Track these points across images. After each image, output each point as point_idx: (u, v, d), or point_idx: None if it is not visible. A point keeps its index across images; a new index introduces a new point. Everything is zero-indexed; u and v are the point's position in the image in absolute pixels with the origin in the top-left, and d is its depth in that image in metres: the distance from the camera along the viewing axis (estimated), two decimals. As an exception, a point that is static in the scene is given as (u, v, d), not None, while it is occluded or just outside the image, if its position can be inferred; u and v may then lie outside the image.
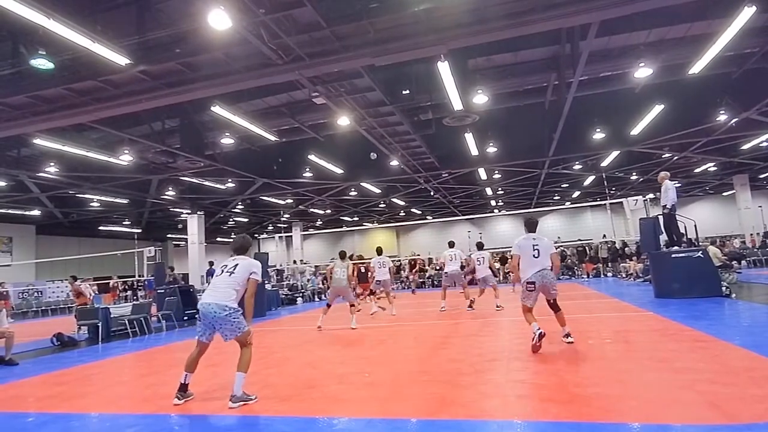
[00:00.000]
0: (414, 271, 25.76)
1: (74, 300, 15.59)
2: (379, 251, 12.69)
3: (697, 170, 25.40)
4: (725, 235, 28.06)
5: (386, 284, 12.28)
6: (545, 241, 6.40)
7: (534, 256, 6.22)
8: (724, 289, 10.20)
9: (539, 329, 5.87)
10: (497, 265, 20.82)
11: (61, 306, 24.62)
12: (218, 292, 4.63)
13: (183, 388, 4.73)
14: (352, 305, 9.99)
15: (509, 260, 12.44)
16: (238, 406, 4.44)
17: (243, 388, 4.55)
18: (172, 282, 16.16)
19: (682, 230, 11.96)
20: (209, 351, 8.32)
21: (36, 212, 24.42)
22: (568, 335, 6.39)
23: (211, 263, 19.08)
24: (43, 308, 24.20)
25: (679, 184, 27.68)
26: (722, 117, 15.43)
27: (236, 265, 4.75)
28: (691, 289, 10.24)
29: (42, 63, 8.87)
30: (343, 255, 10.68)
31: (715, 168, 25.31)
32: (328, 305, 10.19)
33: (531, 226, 6.63)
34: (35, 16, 7.22)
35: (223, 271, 4.79)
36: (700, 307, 8.83)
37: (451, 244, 12.44)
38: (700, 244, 13.74)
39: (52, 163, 16.45)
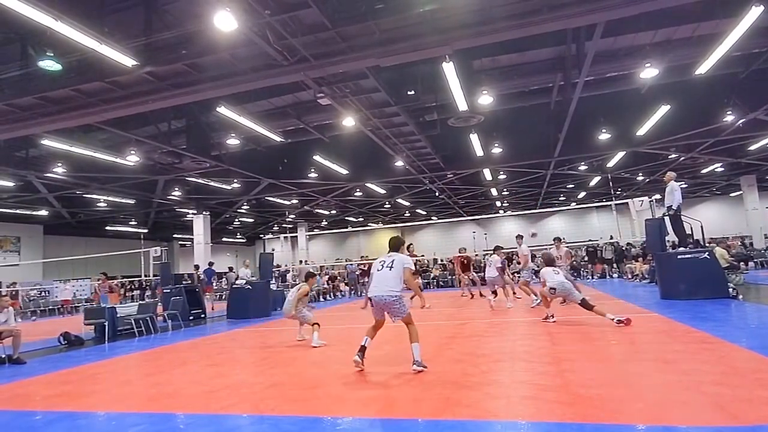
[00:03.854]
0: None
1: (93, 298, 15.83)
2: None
3: (704, 171, 25.25)
4: (743, 236, 27.85)
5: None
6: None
7: (555, 273, 8.59)
8: (730, 290, 10.14)
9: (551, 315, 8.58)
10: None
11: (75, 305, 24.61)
12: (385, 285, 5.63)
13: (362, 350, 5.68)
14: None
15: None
16: (420, 369, 5.33)
17: (419, 356, 5.46)
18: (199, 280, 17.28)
19: (688, 231, 11.90)
20: (212, 350, 8.43)
21: (44, 212, 24.59)
22: (612, 319, 7.56)
23: (210, 263, 19.16)
24: (50, 308, 24.31)
25: (686, 185, 27.58)
26: (729, 117, 15.34)
27: (393, 260, 5.78)
28: (698, 290, 10.18)
29: (50, 64, 8.94)
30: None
31: (722, 169, 25.15)
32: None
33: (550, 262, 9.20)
34: (43, 18, 7.30)
35: (383, 267, 5.77)
36: (707, 308, 8.78)
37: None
38: (707, 245, 13.67)
39: (59, 164, 16.58)
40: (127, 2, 9.27)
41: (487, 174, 22.57)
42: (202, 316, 14.74)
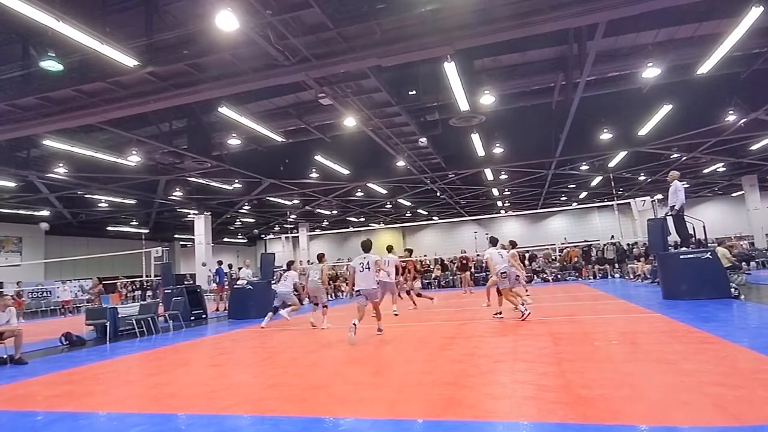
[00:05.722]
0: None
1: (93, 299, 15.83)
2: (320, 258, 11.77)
3: (706, 171, 25.21)
4: (744, 236, 27.77)
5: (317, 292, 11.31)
6: (505, 252, 10.01)
7: (501, 258, 9.72)
8: (732, 290, 10.12)
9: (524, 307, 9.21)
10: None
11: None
12: (369, 280, 8.26)
13: (353, 329, 7.84)
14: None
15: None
16: (380, 332, 8.48)
17: (381, 326, 8.68)
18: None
19: (690, 231, 11.87)
20: (213, 351, 8.46)
21: (45, 212, 24.60)
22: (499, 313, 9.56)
23: (219, 262, 19.18)
24: (52, 308, 24.37)
25: (688, 185, 27.55)
26: (731, 117, 15.32)
27: (368, 261, 8.25)
28: (700, 290, 10.15)
29: (51, 65, 8.95)
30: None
31: (724, 168, 25.12)
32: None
33: (494, 242, 10.28)
34: (45, 19, 7.30)
35: (363, 268, 8.26)
36: (709, 308, 8.77)
37: (389, 249, 11.50)
38: (709, 245, 13.64)
39: (61, 164, 16.61)
40: (128, 2, 9.28)
41: (489, 174, 22.56)
42: (203, 316, 14.77)
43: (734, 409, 3.51)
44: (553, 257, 25.55)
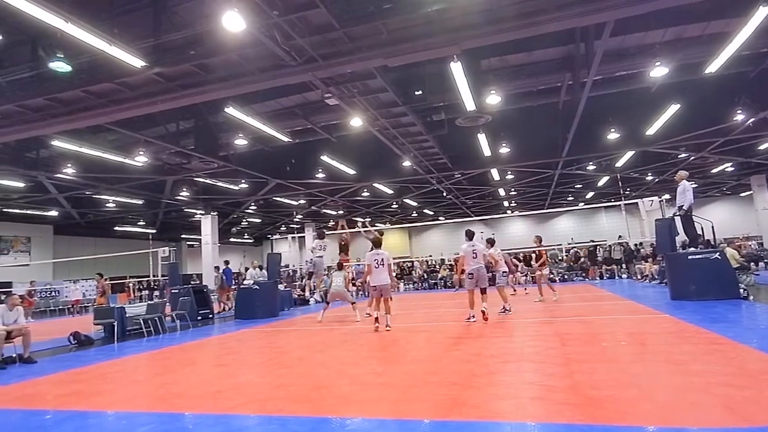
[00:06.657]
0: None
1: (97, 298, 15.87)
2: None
3: (714, 171, 25.00)
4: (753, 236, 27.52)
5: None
6: (480, 246, 9.63)
7: (473, 257, 9.30)
8: (741, 291, 10.04)
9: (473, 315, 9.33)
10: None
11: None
12: (382, 275, 8.96)
13: (376, 320, 9.06)
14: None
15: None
16: (388, 328, 8.90)
17: (390, 322, 9.06)
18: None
19: (698, 231, 11.80)
20: (220, 351, 8.51)
21: (54, 213, 24.78)
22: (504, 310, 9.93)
23: (226, 262, 19.25)
24: (61, 307, 24.54)
25: (696, 185, 27.34)
26: (739, 117, 15.19)
27: (382, 258, 8.97)
28: (708, 291, 10.09)
29: (60, 66, 9.00)
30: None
31: (733, 168, 24.90)
32: None
33: (470, 235, 9.54)
34: (54, 20, 7.34)
35: (378, 264, 8.94)
36: (717, 309, 8.71)
37: (378, 243, 9.65)
38: (718, 245, 13.54)
39: (69, 164, 16.71)
40: (136, 3, 9.33)
41: (495, 174, 22.50)
42: (210, 316, 14.82)
43: (743, 410, 3.49)
44: (560, 257, 25.43)
